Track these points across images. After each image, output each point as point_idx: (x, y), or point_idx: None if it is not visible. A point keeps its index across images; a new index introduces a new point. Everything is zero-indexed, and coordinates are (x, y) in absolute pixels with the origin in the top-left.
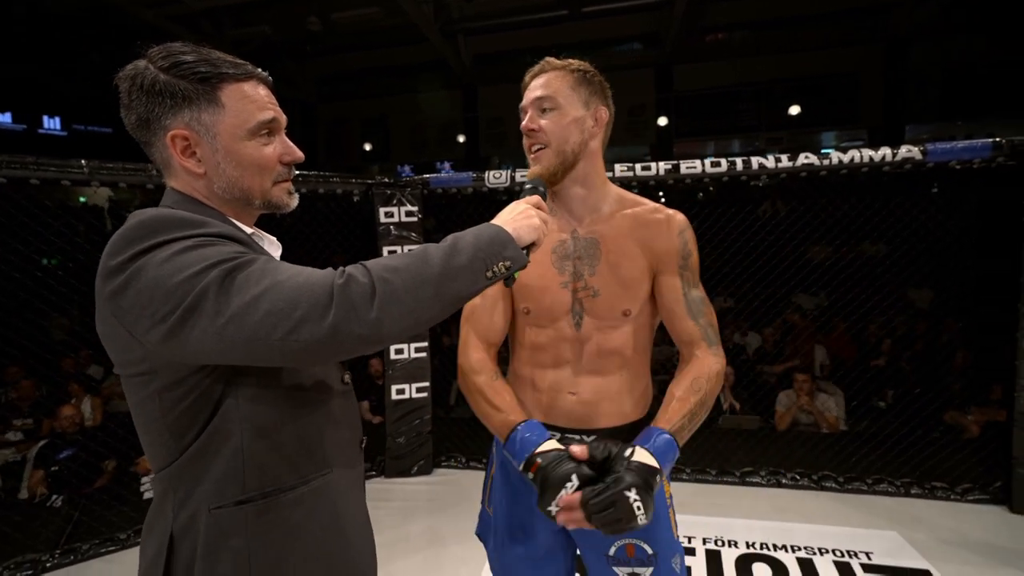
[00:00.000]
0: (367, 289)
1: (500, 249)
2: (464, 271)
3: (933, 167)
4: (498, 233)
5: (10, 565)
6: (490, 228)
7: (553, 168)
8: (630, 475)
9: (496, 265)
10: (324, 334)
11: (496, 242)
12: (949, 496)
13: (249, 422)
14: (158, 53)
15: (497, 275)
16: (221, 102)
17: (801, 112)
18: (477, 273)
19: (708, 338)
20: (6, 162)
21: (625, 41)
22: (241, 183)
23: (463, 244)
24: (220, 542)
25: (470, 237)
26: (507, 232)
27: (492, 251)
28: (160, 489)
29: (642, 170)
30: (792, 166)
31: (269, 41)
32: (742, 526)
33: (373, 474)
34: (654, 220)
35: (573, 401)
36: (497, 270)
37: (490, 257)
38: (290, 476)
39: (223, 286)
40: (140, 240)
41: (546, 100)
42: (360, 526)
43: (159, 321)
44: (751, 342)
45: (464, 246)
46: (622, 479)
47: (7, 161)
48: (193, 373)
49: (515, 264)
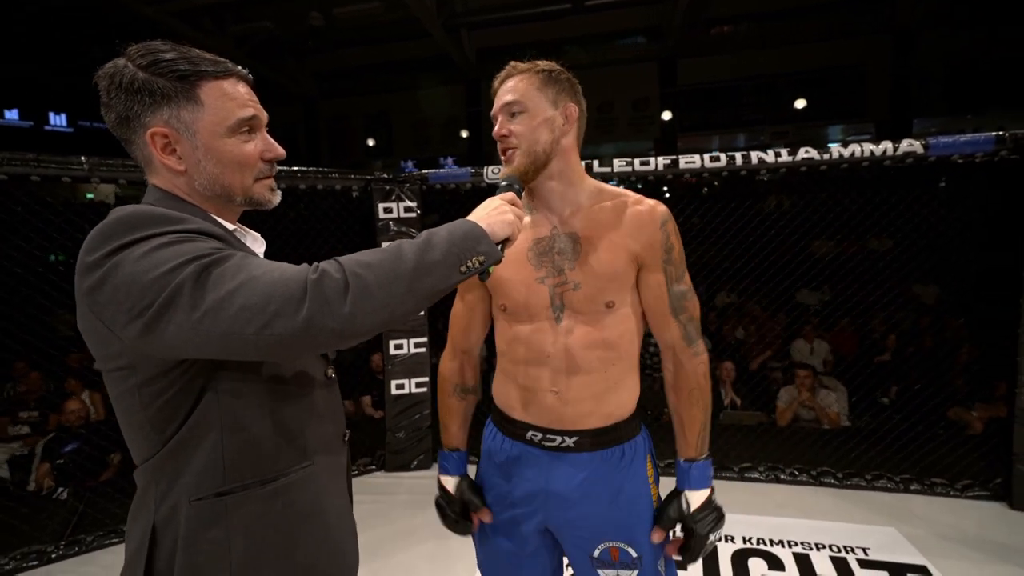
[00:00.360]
0: (340, 284)
1: (474, 244)
2: (438, 266)
3: (936, 161)
4: (472, 228)
5: (16, 556)
6: (464, 224)
7: (524, 168)
8: (701, 527)
9: (470, 260)
10: (297, 328)
11: (470, 237)
12: (949, 492)
13: (229, 416)
14: (137, 51)
15: (471, 270)
16: (200, 100)
17: (806, 106)
18: (451, 268)
19: (688, 336)
20: (7, 159)
21: (629, 35)
22: (222, 180)
23: (437, 240)
24: (200, 533)
25: (444, 233)
26: (481, 227)
27: (466, 246)
28: (143, 481)
29: (640, 165)
30: (792, 160)
31: (271, 37)
32: (739, 521)
33: (373, 468)
34: (635, 212)
35: (555, 400)
36: (471, 265)
37: (464, 252)
38: (269, 469)
39: (199, 281)
40: (117, 236)
41: (514, 104)
42: (341, 516)
43: (136, 316)
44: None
45: (438, 242)
46: (698, 535)
47: (8, 158)
48: (172, 368)
49: (489, 259)
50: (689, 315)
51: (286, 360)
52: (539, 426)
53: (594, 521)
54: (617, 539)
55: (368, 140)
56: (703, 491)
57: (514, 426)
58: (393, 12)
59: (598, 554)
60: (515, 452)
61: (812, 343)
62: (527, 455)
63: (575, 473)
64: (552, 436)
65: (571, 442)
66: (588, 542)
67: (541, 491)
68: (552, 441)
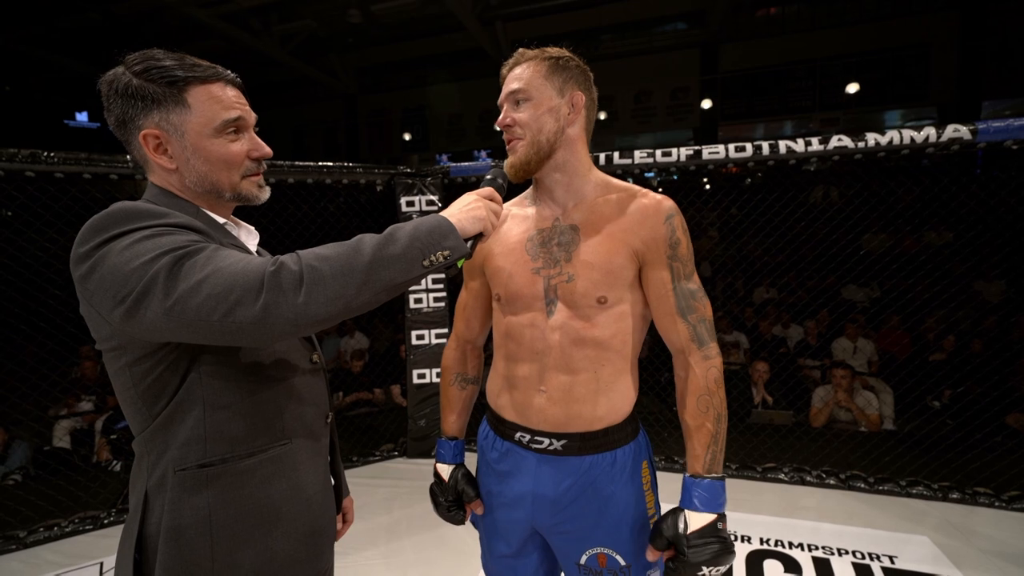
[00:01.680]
0: (296, 276)
1: (439, 239)
2: (398, 260)
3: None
4: (439, 223)
5: (75, 519)
6: (432, 219)
7: (527, 158)
8: (693, 554)
9: (434, 254)
10: (256, 316)
11: (436, 232)
12: (993, 503)
13: (211, 395)
14: (134, 59)
15: (435, 264)
16: (188, 103)
17: (860, 90)
18: (412, 262)
19: (698, 338)
20: (63, 159)
21: (668, 21)
22: (210, 177)
23: (400, 234)
24: (183, 500)
25: (408, 227)
26: (448, 222)
27: (431, 241)
28: (139, 451)
29: (662, 156)
30: (823, 150)
31: (313, 35)
32: (758, 522)
33: (396, 454)
34: (639, 205)
35: (544, 400)
36: (435, 259)
37: (428, 247)
38: (248, 445)
39: (172, 272)
40: (105, 229)
41: (519, 92)
42: (320, 492)
43: (119, 303)
44: (792, 334)
45: (401, 236)
46: (687, 562)
47: (64, 158)
48: (157, 349)
49: (455, 254)
50: (700, 315)
51: (251, 345)
52: (527, 427)
53: (581, 526)
54: (605, 546)
55: (405, 134)
56: (706, 515)
57: (504, 426)
58: (429, 6)
59: (585, 560)
60: (505, 452)
61: (856, 342)
62: (516, 456)
63: (563, 478)
64: (540, 438)
65: (559, 445)
66: (575, 547)
67: (529, 493)
68: (540, 443)
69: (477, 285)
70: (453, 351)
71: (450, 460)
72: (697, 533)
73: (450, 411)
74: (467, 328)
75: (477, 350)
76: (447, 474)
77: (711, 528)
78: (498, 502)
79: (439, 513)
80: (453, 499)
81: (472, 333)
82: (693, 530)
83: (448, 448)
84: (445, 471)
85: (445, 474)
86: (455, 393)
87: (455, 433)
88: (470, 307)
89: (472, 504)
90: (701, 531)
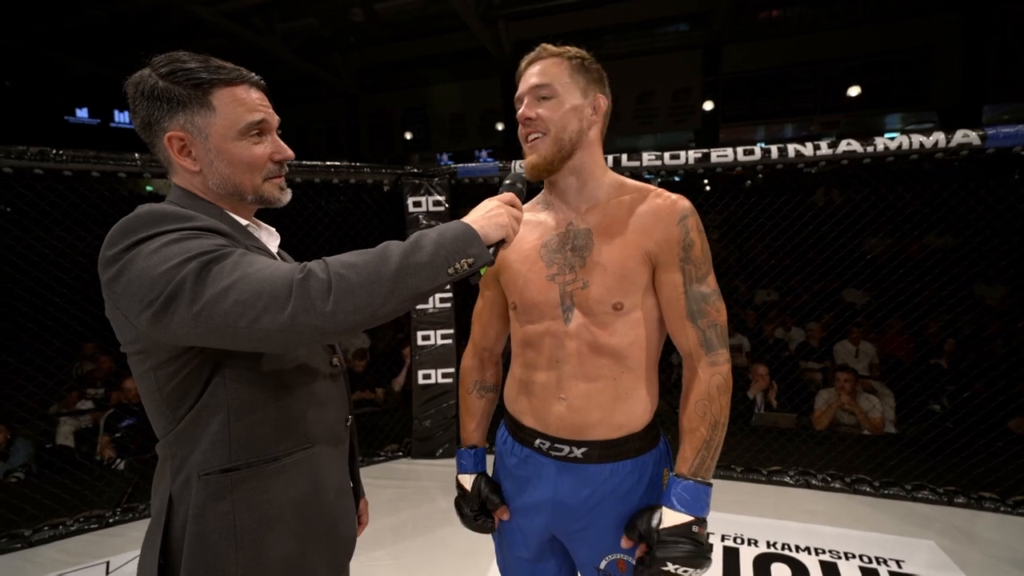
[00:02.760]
0: (324, 284)
1: (464, 247)
2: (424, 268)
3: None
4: (463, 231)
5: (80, 518)
6: (456, 226)
7: (550, 157)
8: (661, 549)
9: (458, 262)
10: (283, 323)
11: (460, 239)
12: (999, 508)
13: (235, 400)
14: (160, 62)
15: (460, 272)
16: (212, 105)
17: (862, 93)
18: (438, 270)
19: (707, 344)
20: (72, 156)
21: (671, 22)
22: (233, 179)
23: (425, 241)
24: (208, 505)
25: (434, 235)
26: (473, 230)
27: (455, 248)
28: (162, 455)
29: (670, 159)
30: (832, 154)
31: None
32: (764, 525)
33: (400, 455)
34: (653, 206)
35: (563, 407)
36: (460, 267)
37: (452, 255)
38: (271, 449)
39: (199, 277)
40: (133, 232)
41: (544, 88)
42: (340, 496)
43: (146, 307)
44: (794, 337)
45: (426, 243)
46: (655, 557)
47: (72, 155)
48: (182, 353)
49: (479, 261)
50: (711, 320)
51: (277, 351)
52: (547, 434)
53: (601, 533)
54: (625, 552)
55: (406, 134)
56: (682, 515)
57: (523, 432)
58: (431, 6)
59: (604, 566)
60: (524, 458)
61: (858, 345)
62: (535, 463)
63: (583, 485)
64: (560, 445)
65: (579, 453)
66: (595, 553)
67: (548, 500)
68: (560, 451)
69: (492, 294)
70: (471, 359)
71: (472, 469)
72: (669, 531)
73: (470, 419)
74: (484, 336)
75: (495, 357)
76: (470, 484)
77: (685, 528)
78: (517, 507)
79: (466, 524)
80: (479, 508)
81: (489, 341)
82: (665, 527)
83: (469, 458)
84: (467, 481)
85: (468, 484)
86: (474, 401)
87: (475, 442)
88: (485, 315)
89: (499, 511)
90: (674, 529)
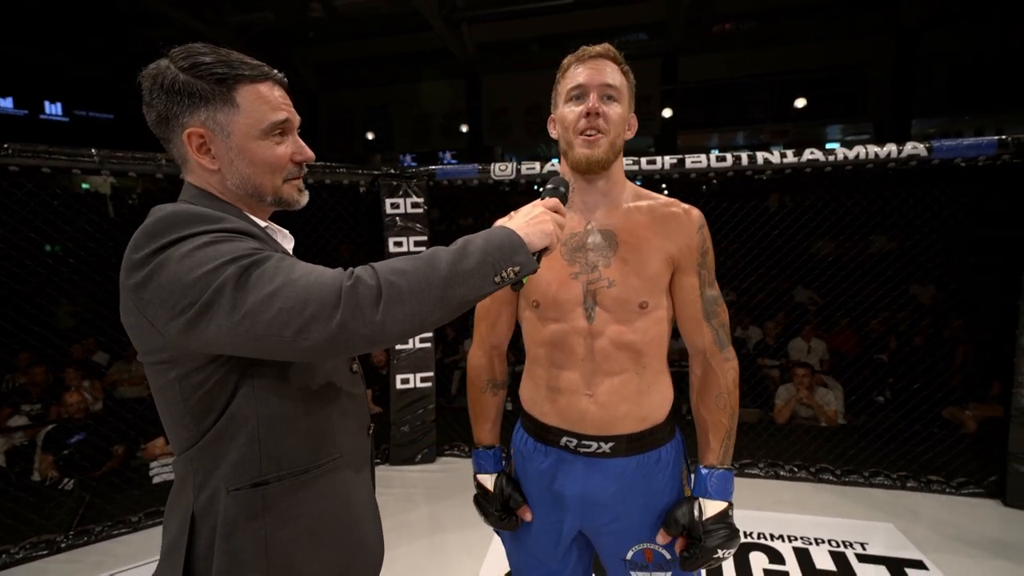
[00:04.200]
0: (374, 291)
1: (511, 254)
2: (472, 276)
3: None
4: (509, 237)
5: (26, 545)
6: (502, 232)
7: (607, 157)
8: (710, 539)
9: (505, 270)
10: (332, 333)
11: (507, 247)
12: (944, 490)
13: (264, 410)
14: (179, 53)
15: (505, 280)
16: (236, 102)
17: (807, 105)
18: (485, 278)
19: (720, 341)
20: (18, 151)
21: (631, 31)
22: (253, 180)
23: (473, 248)
24: (239, 521)
25: (480, 241)
26: (519, 237)
27: (502, 256)
28: (181, 470)
29: (647, 164)
30: (797, 162)
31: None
32: (740, 516)
33: (378, 461)
34: (672, 214)
35: (589, 403)
36: (506, 275)
37: (499, 262)
38: (303, 461)
39: (239, 283)
40: (161, 235)
41: (613, 89)
42: (367, 507)
43: (178, 314)
44: (752, 335)
45: (474, 250)
46: (704, 547)
47: (19, 150)
48: (210, 362)
49: (524, 269)
50: (720, 320)
51: (319, 361)
52: (574, 432)
53: (629, 524)
54: (652, 541)
55: (368, 133)
56: (720, 502)
57: (548, 432)
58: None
59: (631, 556)
60: (550, 458)
61: (810, 342)
62: (562, 461)
63: (612, 479)
64: (588, 442)
65: (607, 448)
66: (622, 544)
67: (577, 497)
68: (588, 447)
69: (502, 295)
70: (480, 357)
71: (492, 469)
72: (712, 519)
73: (484, 419)
74: (493, 333)
75: (502, 354)
76: (491, 483)
77: (723, 515)
78: (541, 507)
79: (490, 523)
80: (502, 507)
81: (498, 338)
82: (708, 516)
83: (488, 458)
84: (488, 480)
85: (489, 484)
86: (488, 400)
87: (492, 441)
88: (495, 311)
89: (521, 510)
90: (715, 517)
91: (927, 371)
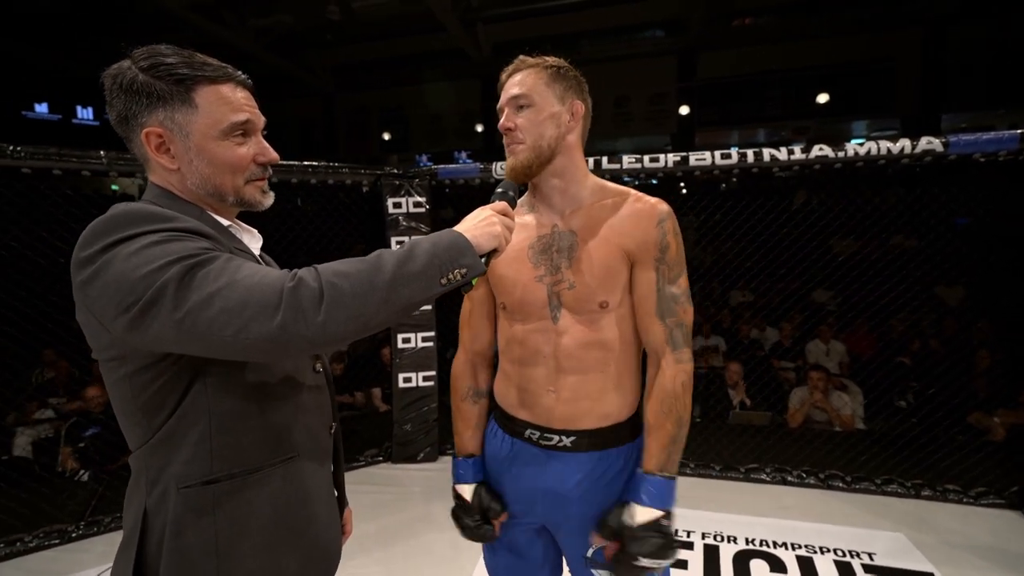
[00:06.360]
0: (315, 293)
1: (457, 256)
2: (418, 278)
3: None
4: (456, 240)
5: (39, 534)
6: (449, 235)
7: (528, 162)
8: (634, 544)
9: (451, 272)
10: (272, 334)
11: (453, 249)
12: (962, 499)
13: (216, 408)
14: (141, 54)
15: (452, 282)
16: (195, 103)
17: (830, 100)
18: (431, 280)
19: (673, 341)
20: (31, 153)
21: (647, 28)
22: (213, 180)
23: (419, 251)
24: (188, 518)
25: (427, 244)
26: (466, 239)
27: (449, 258)
28: (136, 466)
29: (650, 162)
30: (806, 158)
31: (290, 31)
32: (743, 522)
33: (380, 460)
34: (633, 209)
35: (553, 399)
36: (452, 277)
37: (446, 264)
38: (255, 460)
39: (183, 282)
40: (110, 233)
41: (521, 98)
42: (325, 506)
43: (123, 312)
44: (768, 337)
45: (420, 252)
46: (629, 553)
47: (32, 152)
48: (160, 360)
49: (472, 271)
50: (678, 320)
51: (263, 361)
52: (537, 424)
53: (589, 521)
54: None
55: (384, 134)
56: (652, 510)
57: (514, 423)
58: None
59: (591, 553)
60: (514, 449)
61: (828, 344)
62: (525, 453)
63: (572, 473)
64: (550, 435)
65: (568, 441)
66: (582, 541)
67: (538, 489)
68: (549, 440)
69: (480, 295)
70: (463, 364)
71: (471, 479)
72: (641, 527)
73: (465, 427)
74: (475, 340)
75: (487, 361)
76: (469, 494)
77: (655, 523)
78: (510, 499)
79: (467, 535)
80: (481, 517)
81: (481, 344)
82: (638, 523)
83: (467, 467)
84: (467, 491)
85: (467, 494)
86: (468, 408)
87: (473, 450)
88: (475, 316)
89: (500, 518)
90: (645, 525)
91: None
